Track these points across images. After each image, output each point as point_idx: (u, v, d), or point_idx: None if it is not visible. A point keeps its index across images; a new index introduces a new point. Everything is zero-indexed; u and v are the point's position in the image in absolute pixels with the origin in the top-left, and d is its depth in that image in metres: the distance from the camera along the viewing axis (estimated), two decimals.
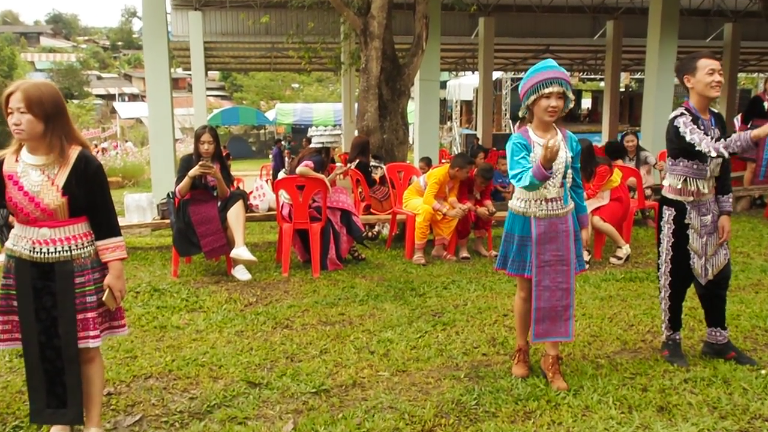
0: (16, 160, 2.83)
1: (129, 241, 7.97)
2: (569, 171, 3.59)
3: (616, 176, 6.58)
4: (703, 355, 4.00)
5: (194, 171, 5.77)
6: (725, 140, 3.52)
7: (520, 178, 3.43)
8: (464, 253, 6.89)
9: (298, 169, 6.12)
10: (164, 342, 4.46)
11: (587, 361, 3.98)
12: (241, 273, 6.01)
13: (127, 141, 34.66)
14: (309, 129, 6.76)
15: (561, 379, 3.61)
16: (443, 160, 19.37)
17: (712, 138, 3.60)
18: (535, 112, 3.52)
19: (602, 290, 5.54)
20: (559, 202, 3.57)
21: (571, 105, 3.57)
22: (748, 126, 9.05)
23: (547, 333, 3.64)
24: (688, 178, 3.78)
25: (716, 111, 3.88)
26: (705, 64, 3.67)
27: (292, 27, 11.91)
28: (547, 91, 3.42)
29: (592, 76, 35.75)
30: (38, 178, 2.77)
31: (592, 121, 31.69)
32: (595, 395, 3.45)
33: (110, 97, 54.55)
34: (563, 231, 3.57)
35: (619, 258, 6.55)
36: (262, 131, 40.49)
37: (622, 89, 31.84)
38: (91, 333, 2.90)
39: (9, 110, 2.73)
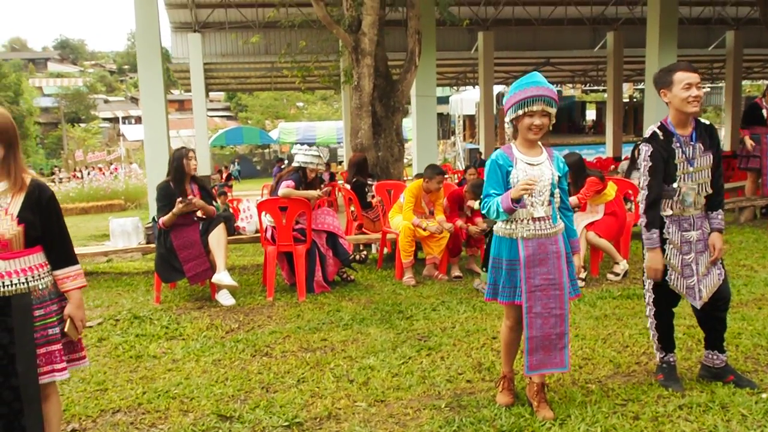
0: None
1: (115, 267, 7.84)
2: (556, 191, 3.41)
3: (611, 190, 6.38)
4: (701, 379, 3.77)
5: (178, 210, 5.70)
6: (651, 226, 3.59)
7: (487, 208, 3.32)
8: (456, 272, 6.68)
9: (281, 191, 5.97)
10: (138, 373, 4.30)
11: (577, 386, 3.77)
12: (224, 298, 5.85)
13: (132, 163, 34.73)
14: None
15: (547, 408, 3.40)
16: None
17: (689, 158, 3.54)
18: (519, 129, 3.36)
19: (597, 309, 5.33)
20: (547, 222, 3.38)
21: (553, 121, 3.41)
22: (748, 132, 8.85)
23: (542, 364, 3.40)
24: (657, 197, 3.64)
25: (707, 123, 3.68)
26: (681, 78, 3.48)
27: (284, 46, 11.82)
28: (530, 109, 3.27)
29: (596, 88, 35.61)
30: None
31: (596, 133, 31.57)
32: (583, 425, 3.24)
33: (117, 120, 54.89)
34: (554, 252, 3.37)
35: (617, 274, 6.33)
36: (267, 150, 40.57)
37: (626, 100, 31.69)
38: (58, 366, 2.79)
39: None
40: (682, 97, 3.47)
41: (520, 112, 3.29)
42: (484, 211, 3.40)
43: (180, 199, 5.69)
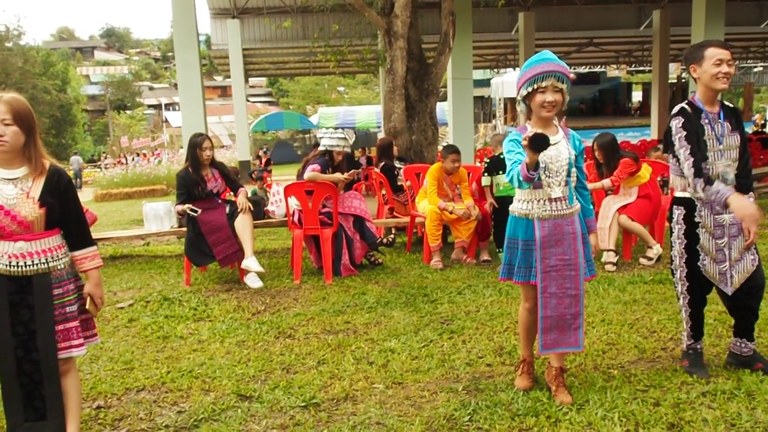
0: None
1: (149, 250, 8.00)
2: (573, 170, 3.34)
3: (645, 172, 6.22)
4: (728, 366, 3.67)
5: (182, 209, 5.86)
6: (709, 182, 3.31)
7: (511, 175, 3.23)
8: (485, 256, 6.61)
9: (306, 175, 5.99)
10: (164, 353, 4.38)
11: (599, 371, 3.71)
12: (252, 281, 5.91)
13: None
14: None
15: (565, 393, 3.35)
16: (485, 160, 19.05)
17: (717, 135, 3.39)
18: (532, 107, 3.29)
19: (627, 294, 5.22)
20: (563, 202, 3.31)
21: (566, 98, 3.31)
22: None
23: (556, 343, 3.37)
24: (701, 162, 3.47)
25: (731, 105, 3.56)
26: (712, 54, 3.36)
27: (317, 30, 11.85)
28: (540, 85, 3.18)
29: (643, 68, 34.78)
30: (12, 191, 2.75)
31: (643, 114, 30.89)
32: (601, 410, 3.19)
33: (161, 107, 55.83)
34: (570, 233, 3.31)
35: (650, 258, 6.19)
36: (307, 135, 40.75)
37: (673, 80, 30.90)
38: (75, 342, 2.90)
39: None
40: (712, 72, 3.37)
41: (530, 89, 3.21)
42: (508, 179, 3.31)
43: (194, 210, 5.82)
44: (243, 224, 5.79)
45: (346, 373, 3.84)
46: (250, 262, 5.75)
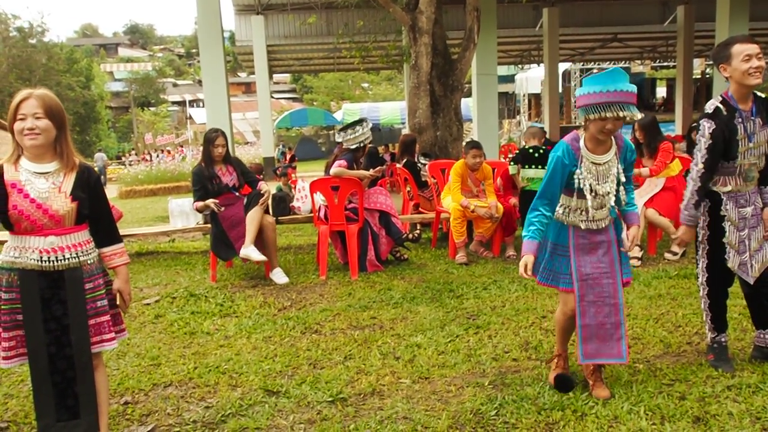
0: (16, 170, 2.81)
1: (175, 246, 8.09)
2: (620, 188, 3.31)
3: (676, 166, 6.18)
4: (753, 360, 3.66)
5: (202, 206, 5.88)
6: (700, 197, 3.53)
7: (528, 223, 3.27)
8: (510, 251, 6.61)
9: (332, 170, 6.03)
10: (191, 348, 4.43)
11: (624, 366, 3.69)
12: (278, 276, 5.95)
13: None
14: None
15: (603, 387, 3.35)
16: (509, 155, 18.99)
17: (749, 133, 3.41)
18: (591, 126, 3.20)
19: (652, 288, 5.20)
20: (602, 212, 3.32)
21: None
22: None
23: (598, 353, 3.33)
24: (716, 174, 3.52)
25: (763, 96, 3.52)
26: (740, 50, 3.34)
27: (342, 26, 11.89)
28: (605, 114, 3.08)
29: (667, 64, 34.34)
30: (44, 185, 2.77)
31: (667, 110, 30.50)
32: (626, 404, 3.19)
33: (185, 104, 56.23)
34: (605, 242, 3.31)
35: (675, 253, 6.15)
36: (331, 132, 40.88)
37: (698, 76, 30.51)
38: (106, 336, 2.93)
39: (21, 116, 2.73)
40: (743, 69, 3.34)
41: (593, 116, 3.12)
42: (529, 218, 3.29)
43: (217, 207, 5.83)
44: (251, 217, 5.78)
45: (373, 368, 3.87)
46: (249, 251, 5.73)
